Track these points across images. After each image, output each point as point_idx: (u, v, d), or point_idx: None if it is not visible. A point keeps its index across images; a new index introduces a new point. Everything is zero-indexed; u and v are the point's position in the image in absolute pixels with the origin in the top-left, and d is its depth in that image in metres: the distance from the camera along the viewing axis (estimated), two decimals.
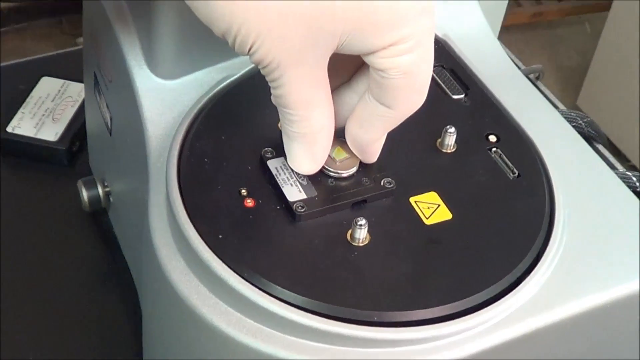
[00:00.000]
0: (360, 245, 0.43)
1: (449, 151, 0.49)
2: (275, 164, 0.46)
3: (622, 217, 0.48)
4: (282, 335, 0.42)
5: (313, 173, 0.45)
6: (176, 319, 0.45)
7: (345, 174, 0.46)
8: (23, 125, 0.70)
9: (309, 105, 0.41)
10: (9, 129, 0.70)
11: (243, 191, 0.45)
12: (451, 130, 0.48)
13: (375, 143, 0.45)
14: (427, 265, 0.43)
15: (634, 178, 0.58)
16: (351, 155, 0.46)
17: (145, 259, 0.48)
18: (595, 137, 0.64)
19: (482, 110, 0.51)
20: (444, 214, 0.45)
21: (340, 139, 0.45)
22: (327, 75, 0.41)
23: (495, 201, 0.46)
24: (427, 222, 0.45)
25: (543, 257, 0.45)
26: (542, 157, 0.49)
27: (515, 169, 0.48)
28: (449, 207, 0.46)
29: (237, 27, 0.38)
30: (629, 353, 0.49)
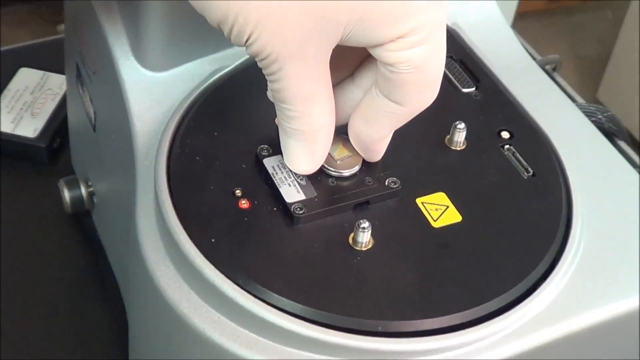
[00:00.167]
0: (363, 249, 0.44)
1: (458, 148, 0.49)
2: (272, 163, 0.46)
3: None
4: (279, 347, 0.42)
5: (311, 173, 0.45)
6: (165, 329, 0.45)
7: (347, 173, 0.46)
8: None
9: (309, 100, 0.41)
10: None
11: (237, 191, 0.45)
12: (461, 126, 0.48)
13: (381, 141, 0.45)
14: (435, 271, 0.43)
15: None
16: (353, 154, 0.46)
17: (132, 264, 0.49)
18: (617, 132, 0.65)
19: (494, 105, 0.52)
20: (453, 216, 0.46)
21: (342, 136, 0.46)
22: (328, 69, 0.41)
23: (508, 202, 0.47)
24: (434, 224, 0.45)
25: (560, 262, 0.45)
26: (558, 155, 0.50)
27: (529, 168, 0.48)
28: (459, 208, 0.46)
29: (233, 16, 0.38)
30: None
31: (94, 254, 0.64)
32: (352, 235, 0.44)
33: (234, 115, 0.49)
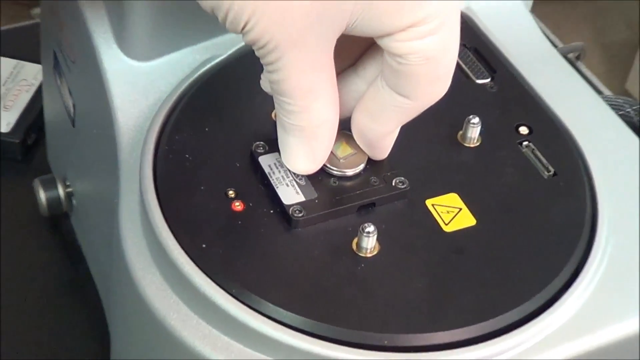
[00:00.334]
0: (368, 256, 0.44)
1: (472, 145, 0.49)
2: (268, 161, 0.47)
3: None
4: None
5: (311, 173, 0.45)
6: (151, 343, 0.46)
7: (350, 172, 0.46)
8: None
9: (310, 94, 0.41)
10: None
11: (230, 192, 0.46)
12: (475, 120, 0.49)
13: (387, 137, 0.45)
14: (447, 280, 0.44)
15: None
16: (357, 151, 0.46)
17: (114, 272, 0.49)
18: None
19: (512, 97, 0.52)
20: (466, 219, 0.46)
21: (345, 132, 0.46)
22: (332, 61, 0.41)
23: (526, 204, 0.47)
24: (446, 228, 0.45)
25: (583, 270, 0.45)
26: (582, 153, 0.50)
27: (550, 167, 0.48)
28: (472, 211, 0.46)
29: (229, 0, 0.38)
30: None
31: (72, 261, 0.64)
32: (355, 240, 0.44)
33: (226, 109, 0.49)
